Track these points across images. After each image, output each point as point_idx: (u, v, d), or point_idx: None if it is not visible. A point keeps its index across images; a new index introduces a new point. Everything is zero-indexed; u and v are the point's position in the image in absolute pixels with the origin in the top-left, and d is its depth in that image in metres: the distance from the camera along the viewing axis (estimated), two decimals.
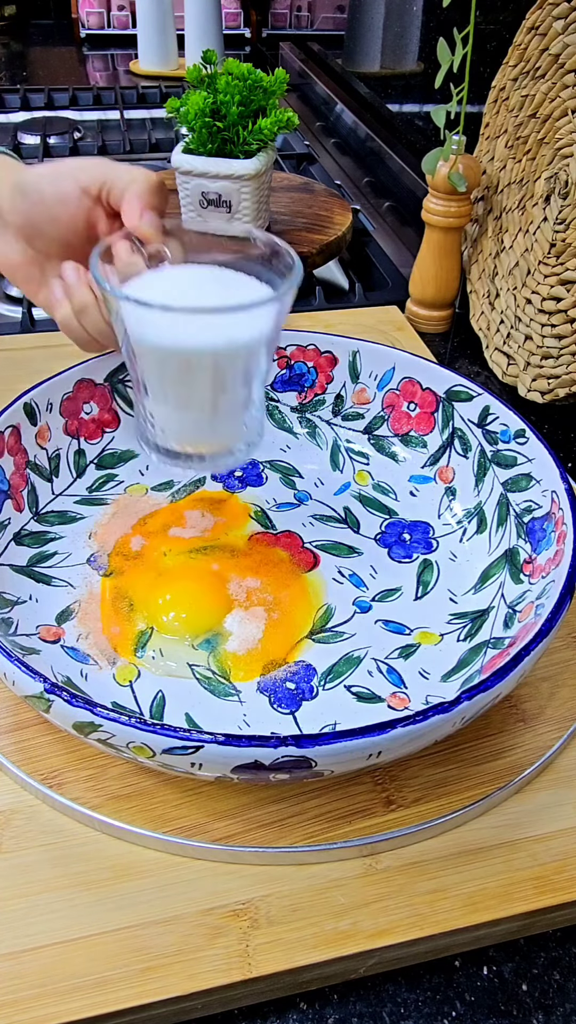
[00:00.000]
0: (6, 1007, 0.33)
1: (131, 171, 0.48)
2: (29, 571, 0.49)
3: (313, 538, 0.53)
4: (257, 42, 1.84)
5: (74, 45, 1.82)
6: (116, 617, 0.47)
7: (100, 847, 0.38)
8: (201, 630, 0.47)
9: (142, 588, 0.49)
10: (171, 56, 1.54)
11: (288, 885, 0.37)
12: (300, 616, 0.48)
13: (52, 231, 0.49)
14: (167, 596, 0.48)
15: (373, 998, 0.35)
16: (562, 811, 0.40)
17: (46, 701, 0.35)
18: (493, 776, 0.41)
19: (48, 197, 0.48)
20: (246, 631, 0.47)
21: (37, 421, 0.52)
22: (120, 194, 0.48)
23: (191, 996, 0.33)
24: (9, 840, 0.38)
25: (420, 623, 0.48)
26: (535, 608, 0.43)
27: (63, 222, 0.49)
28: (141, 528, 0.53)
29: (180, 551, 0.51)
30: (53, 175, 0.48)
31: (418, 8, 1.09)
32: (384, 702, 0.44)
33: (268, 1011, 0.35)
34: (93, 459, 0.56)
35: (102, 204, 0.49)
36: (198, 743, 0.33)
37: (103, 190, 0.48)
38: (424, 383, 0.56)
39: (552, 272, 0.66)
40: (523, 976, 0.36)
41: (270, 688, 0.44)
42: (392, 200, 1.08)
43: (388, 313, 0.79)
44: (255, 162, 0.78)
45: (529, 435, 0.50)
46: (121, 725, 0.33)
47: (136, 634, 0.46)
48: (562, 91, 0.64)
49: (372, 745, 0.34)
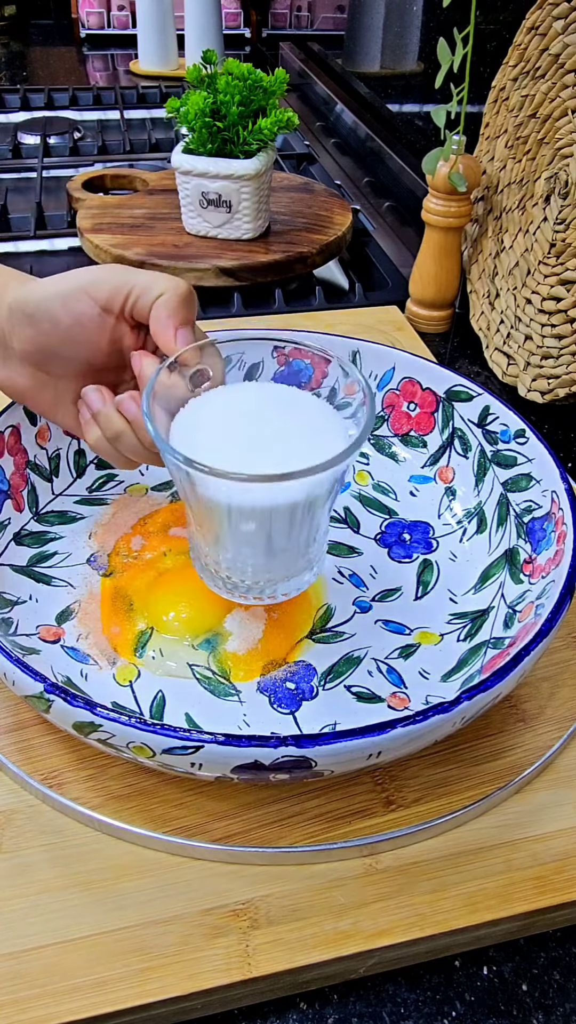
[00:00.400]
0: (6, 1007, 0.33)
1: (156, 281, 0.41)
2: (29, 571, 0.49)
3: None
4: (257, 42, 1.84)
5: (74, 45, 1.82)
6: (116, 617, 0.47)
7: (100, 847, 0.38)
8: (201, 630, 0.47)
9: (142, 588, 0.49)
10: (171, 56, 1.54)
11: (288, 885, 0.37)
12: (300, 616, 0.48)
13: (70, 354, 0.43)
14: (167, 596, 0.48)
15: (373, 998, 0.35)
16: (562, 811, 0.40)
17: (46, 701, 0.35)
18: (493, 776, 0.41)
19: (62, 322, 0.41)
20: (246, 631, 0.46)
21: (37, 421, 0.52)
22: (145, 307, 0.41)
23: (191, 996, 0.33)
24: (9, 840, 0.38)
25: (420, 623, 0.48)
26: (535, 608, 0.43)
27: (83, 345, 0.42)
28: (141, 528, 0.53)
29: (180, 551, 0.51)
30: (63, 294, 0.41)
31: (418, 8, 1.09)
32: (384, 702, 0.44)
33: (268, 1011, 0.35)
34: (93, 459, 0.56)
35: (125, 319, 0.42)
36: (198, 743, 0.33)
37: (126, 304, 0.42)
38: (424, 383, 0.56)
39: (552, 272, 0.66)
40: (523, 976, 0.36)
41: (270, 688, 0.44)
42: (392, 200, 1.08)
43: (388, 313, 0.79)
44: (255, 162, 0.78)
45: (529, 435, 0.50)
46: (121, 725, 0.33)
47: (136, 634, 0.46)
48: (562, 91, 0.64)
49: (372, 745, 0.34)
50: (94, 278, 0.42)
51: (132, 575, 0.50)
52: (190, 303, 0.42)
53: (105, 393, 0.43)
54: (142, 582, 0.49)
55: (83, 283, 0.41)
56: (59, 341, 0.42)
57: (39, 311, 0.41)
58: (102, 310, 0.42)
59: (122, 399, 0.42)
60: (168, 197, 0.91)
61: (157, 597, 0.48)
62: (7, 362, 0.43)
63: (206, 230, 0.84)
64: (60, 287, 0.41)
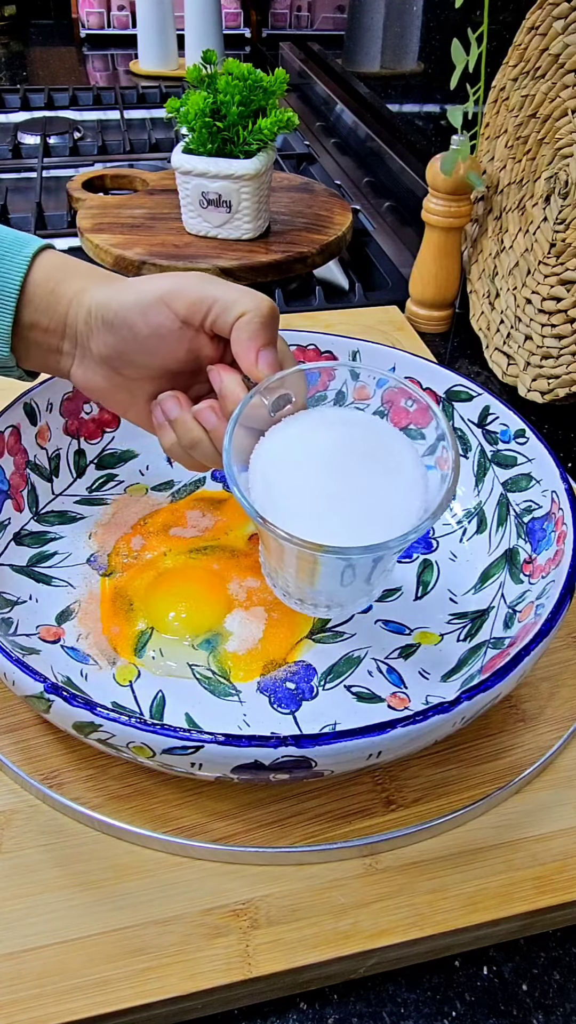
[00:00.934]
0: (6, 1007, 0.33)
1: (239, 299, 0.40)
2: (29, 571, 0.49)
3: None
4: (257, 42, 1.84)
5: (74, 45, 1.82)
6: (116, 617, 0.47)
7: (100, 847, 0.38)
8: (201, 630, 0.47)
9: (142, 588, 0.49)
10: (171, 56, 1.54)
11: (288, 885, 0.37)
12: (300, 616, 0.48)
13: (147, 361, 0.42)
14: (167, 596, 0.48)
15: (373, 998, 0.35)
16: (562, 811, 0.40)
17: (46, 701, 0.35)
18: (493, 776, 0.41)
19: (141, 332, 0.41)
20: (246, 631, 0.47)
21: (37, 421, 0.52)
22: (227, 325, 0.40)
23: (191, 996, 0.33)
24: (9, 840, 0.38)
25: (420, 623, 0.48)
26: (535, 608, 0.43)
27: (160, 354, 0.42)
28: (141, 528, 0.53)
29: (180, 551, 0.51)
30: (143, 305, 0.40)
31: (418, 8, 1.09)
32: (384, 702, 0.44)
33: (268, 1011, 0.35)
34: (93, 459, 0.56)
35: (205, 331, 0.42)
36: (198, 743, 0.33)
37: (206, 319, 0.41)
38: (424, 383, 0.56)
39: (552, 272, 0.66)
40: (523, 976, 0.36)
41: (270, 688, 0.44)
42: (392, 200, 1.08)
43: (388, 313, 0.79)
44: (255, 162, 0.78)
45: (529, 435, 0.50)
46: (121, 725, 0.33)
47: (136, 634, 0.46)
48: (562, 91, 0.64)
49: (372, 745, 0.34)
50: (175, 288, 0.41)
51: (132, 575, 0.50)
52: (273, 323, 0.41)
53: (182, 400, 0.43)
54: (142, 582, 0.49)
55: (163, 293, 0.40)
56: (137, 349, 0.42)
57: (118, 319, 0.41)
58: (182, 323, 0.41)
59: (201, 409, 0.42)
60: (168, 197, 0.91)
61: (157, 597, 0.48)
62: (84, 361, 0.43)
63: (206, 230, 0.84)
64: (141, 296, 0.41)
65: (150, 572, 0.50)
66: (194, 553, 0.51)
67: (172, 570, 0.50)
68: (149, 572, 0.50)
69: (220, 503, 0.56)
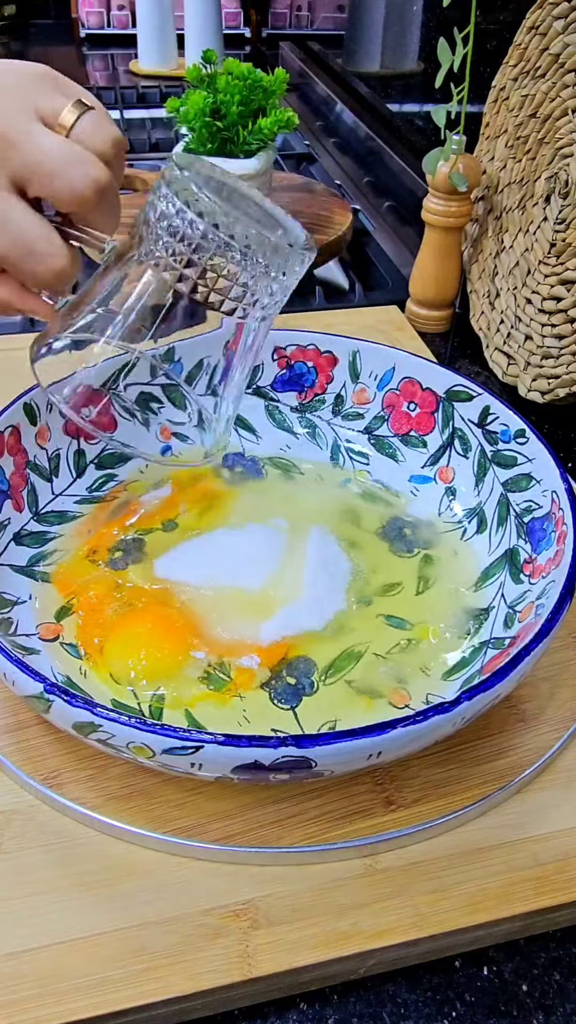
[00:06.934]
0: (6, 1007, 0.32)
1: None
2: (29, 571, 0.49)
3: None
4: (257, 42, 1.84)
5: (74, 45, 1.82)
6: (93, 649, 0.45)
7: (100, 847, 0.38)
8: (161, 677, 0.44)
9: (106, 626, 0.46)
10: (171, 56, 1.54)
11: (288, 885, 0.37)
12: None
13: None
14: (124, 644, 0.45)
15: (373, 998, 0.35)
16: (562, 811, 0.40)
17: (46, 701, 0.35)
18: (493, 776, 0.41)
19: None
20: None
21: (37, 421, 0.52)
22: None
23: (191, 996, 0.33)
24: (9, 840, 0.38)
25: (421, 619, 0.48)
26: (535, 608, 0.43)
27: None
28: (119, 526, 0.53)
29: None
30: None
31: (418, 8, 1.09)
32: (384, 698, 0.44)
33: (268, 1011, 0.35)
34: (93, 459, 0.56)
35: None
36: (198, 743, 0.33)
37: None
38: (424, 383, 0.56)
39: (552, 272, 0.66)
40: (523, 976, 0.36)
41: (270, 683, 0.44)
42: (392, 200, 1.08)
43: (388, 313, 0.79)
44: (255, 162, 0.78)
45: (529, 435, 0.50)
46: (121, 725, 0.33)
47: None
48: (562, 91, 0.64)
49: (372, 745, 0.34)
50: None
51: (94, 611, 0.47)
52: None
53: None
54: (104, 619, 0.47)
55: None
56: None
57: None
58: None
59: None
60: None
61: (114, 646, 0.45)
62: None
63: None
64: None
65: (111, 602, 0.47)
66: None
67: (129, 614, 0.47)
68: (110, 602, 0.47)
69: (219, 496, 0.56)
